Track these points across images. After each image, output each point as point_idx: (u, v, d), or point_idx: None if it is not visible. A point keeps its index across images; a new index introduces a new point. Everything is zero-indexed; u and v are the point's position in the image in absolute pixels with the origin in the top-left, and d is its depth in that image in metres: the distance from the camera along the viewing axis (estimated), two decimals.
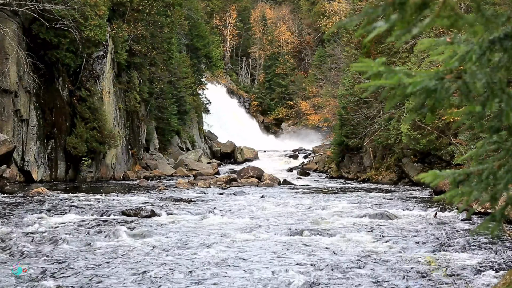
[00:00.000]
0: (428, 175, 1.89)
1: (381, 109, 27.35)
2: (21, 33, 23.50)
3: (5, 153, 20.35)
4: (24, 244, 9.01)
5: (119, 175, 29.92)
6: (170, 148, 41.84)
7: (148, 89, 35.10)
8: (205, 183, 24.65)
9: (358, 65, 1.82)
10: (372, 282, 7.01)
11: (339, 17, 50.84)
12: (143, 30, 32.31)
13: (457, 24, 1.69)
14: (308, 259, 8.36)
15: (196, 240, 9.87)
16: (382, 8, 1.66)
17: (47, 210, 13.66)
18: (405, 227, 11.60)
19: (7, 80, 22.35)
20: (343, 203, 16.78)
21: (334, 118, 36.90)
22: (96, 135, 26.32)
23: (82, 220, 12.24)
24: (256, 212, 14.45)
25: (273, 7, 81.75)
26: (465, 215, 12.55)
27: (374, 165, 29.69)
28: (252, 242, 9.76)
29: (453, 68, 1.77)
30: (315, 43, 70.58)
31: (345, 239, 10.16)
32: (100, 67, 28.11)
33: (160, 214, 13.42)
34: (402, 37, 1.70)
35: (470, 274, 7.46)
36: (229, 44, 76.10)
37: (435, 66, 17.11)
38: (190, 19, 50.31)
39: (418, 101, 1.78)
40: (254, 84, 75.57)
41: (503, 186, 1.83)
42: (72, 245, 9.15)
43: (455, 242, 9.73)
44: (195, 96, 50.58)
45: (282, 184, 27.16)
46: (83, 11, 24.07)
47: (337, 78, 39.92)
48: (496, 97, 1.73)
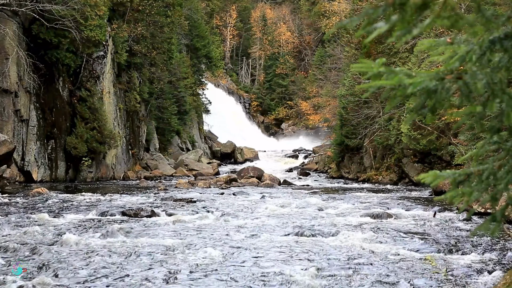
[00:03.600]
0: (429, 175, 1.89)
1: (381, 109, 27.36)
2: (21, 33, 23.50)
3: (5, 153, 20.34)
4: (24, 244, 9.01)
5: (119, 175, 29.92)
6: (170, 148, 41.85)
7: (148, 89, 35.11)
8: (205, 183, 24.64)
9: (358, 65, 1.82)
10: (372, 282, 7.01)
11: (339, 18, 50.82)
12: (143, 30, 32.31)
13: (458, 24, 1.69)
14: (308, 259, 8.36)
15: (196, 240, 9.87)
16: (382, 8, 1.66)
17: (47, 210, 13.66)
18: (405, 227, 11.60)
19: (7, 80, 22.35)
20: (343, 203, 16.78)
21: (334, 118, 36.91)
22: (96, 135, 26.33)
23: (82, 220, 12.24)
24: (256, 212, 14.44)
25: (273, 7, 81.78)
26: (465, 215, 12.55)
27: (374, 165, 29.68)
28: (252, 242, 9.76)
29: (454, 68, 1.77)
30: (315, 43, 70.60)
31: (345, 239, 10.15)
32: (100, 67, 28.11)
33: (160, 214, 13.42)
34: (402, 38, 1.70)
35: (470, 274, 7.46)
36: (229, 44, 76.13)
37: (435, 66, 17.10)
38: (190, 19, 50.32)
39: (419, 102, 1.78)
40: (254, 84, 75.60)
41: (504, 187, 1.83)
42: (72, 245, 9.15)
43: (455, 242, 9.73)
44: (195, 96, 50.60)
45: (282, 184, 27.15)
46: (83, 11, 24.07)
47: (337, 78, 39.92)
48: (497, 97, 1.73)
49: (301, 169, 39.48)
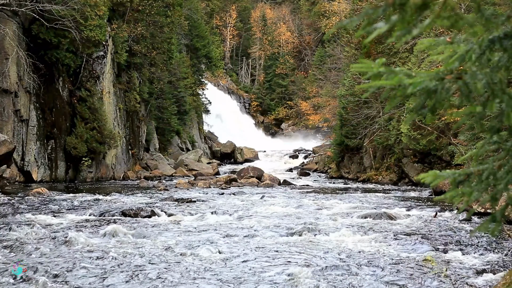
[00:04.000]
0: (428, 175, 1.90)
1: (381, 109, 27.36)
2: (21, 33, 23.50)
3: (5, 153, 20.34)
4: (24, 244, 9.01)
5: (119, 175, 29.92)
6: (170, 148, 41.86)
7: (148, 89, 35.11)
8: (205, 183, 24.64)
9: (358, 65, 1.82)
10: (372, 282, 7.01)
11: (339, 18, 50.83)
12: (143, 30, 32.31)
13: (457, 24, 1.69)
14: (308, 259, 8.37)
15: (196, 240, 9.87)
16: (382, 9, 1.66)
17: (47, 210, 13.66)
18: (405, 227, 11.61)
19: (7, 80, 22.35)
20: (343, 203, 16.78)
21: (334, 118, 36.91)
22: (96, 135, 26.33)
23: (82, 220, 12.24)
24: (256, 212, 14.44)
25: (273, 7, 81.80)
26: (465, 215, 12.55)
27: (374, 165, 29.68)
28: (252, 242, 9.76)
29: (453, 68, 1.77)
30: (315, 43, 70.62)
31: (345, 239, 10.16)
32: (100, 67, 28.11)
33: (160, 214, 13.41)
34: (402, 38, 1.70)
35: (470, 274, 7.46)
36: (229, 44, 76.13)
37: (435, 66, 17.10)
38: (190, 19, 50.34)
39: (419, 102, 1.78)
40: (254, 84, 75.60)
41: (503, 187, 1.83)
42: (71, 245, 9.15)
43: (455, 242, 9.73)
44: (195, 96, 50.62)
45: (282, 184, 27.15)
46: (83, 11, 24.07)
47: (337, 78, 39.92)
48: (497, 97, 1.73)
49: (301, 169, 39.48)
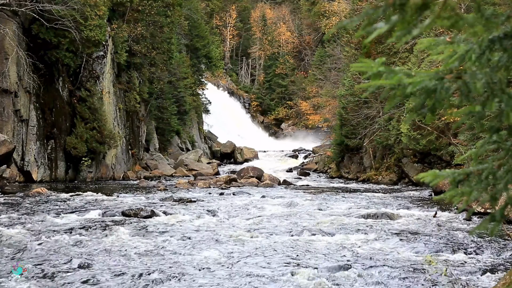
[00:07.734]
0: (428, 174, 1.90)
1: (381, 109, 27.36)
2: (21, 33, 23.50)
3: (5, 153, 20.35)
4: (24, 244, 9.01)
5: (119, 175, 29.92)
6: (170, 148, 41.86)
7: (148, 89, 35.11)
8: (205, 183, 24.64)
9: (358, 65, 1.82)
10: (372, 282, 7.02)
11: (339, 18, 50.84)
12: (143, 30, 32.31)
13: (458, 24, 1.69)
14: (308, 259, 8.37)
15: (196, 240, 9.87)
16: (382, 9, 1.66)
17: (47, 210, 13.66)
18: (405, 227, 11.61)
19: (7, 80, 22.35)
20: (343, 203, 16.78)
21: (334, 118, 36.90)
22: (96, 135, 26.33)
23: (82, 220, 12.24)
24: (256, 212, 14.44)
25: (273, 7, 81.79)
26: (465, 215, 12.56)
27: (374, 165, 29.69)
28: (252, 242, 9.76)
29: (453, 68, 1.78)
30: (315, 43, 70.62)
31: (345, 239, 10.16)
32: (100, 67, 28.12)
33: (160, 214, 13.41)
34: (402, 38, 1.71)
35: (470, 274, 7.46)
36: (229, 44, 76.12)
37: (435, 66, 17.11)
38: (190, 19, 50.34)
39: (418, 101, 1.78)
40: (254, 84, 75.59)
41: (503, 186, 1.83)
42: (71, 245, 9.15)
43: (455, 242, 9.73)
44: (195, 96, 50.61)
45: (282, 184, 27.15)
46: (83, 11, 24.08)
47: (337, 78, 39.92)
48: (496, 97, 1.73)
49: (301, 169, 39.47)
